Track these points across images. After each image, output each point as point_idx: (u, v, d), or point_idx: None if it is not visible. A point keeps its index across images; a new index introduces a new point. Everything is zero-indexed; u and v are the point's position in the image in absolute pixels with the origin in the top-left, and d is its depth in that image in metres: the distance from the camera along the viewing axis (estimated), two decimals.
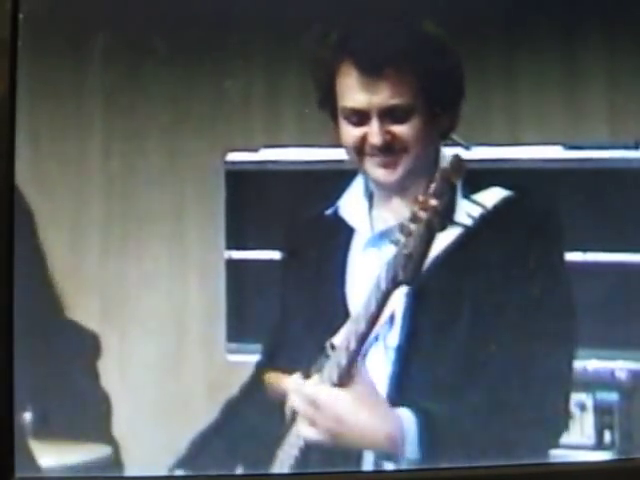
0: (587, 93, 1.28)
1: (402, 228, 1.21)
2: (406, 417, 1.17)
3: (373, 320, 1.19)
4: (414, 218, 1.21)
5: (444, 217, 1.22)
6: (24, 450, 1.20)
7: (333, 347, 1.19)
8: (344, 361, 1.18)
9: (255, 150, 1.26)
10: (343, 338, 1.19)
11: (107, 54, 1.34)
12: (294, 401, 1.18)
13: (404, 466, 1.15)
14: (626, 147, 1.27)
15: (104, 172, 1.25)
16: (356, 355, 1.18)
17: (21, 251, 1.17)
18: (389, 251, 1.21)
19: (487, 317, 1.20)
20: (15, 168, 1.27)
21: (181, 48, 1.25)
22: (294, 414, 1.19)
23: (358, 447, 1.17)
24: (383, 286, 1.20)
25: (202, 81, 1.26)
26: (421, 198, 1.21)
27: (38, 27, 1.34)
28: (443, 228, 1.22)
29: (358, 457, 1.18)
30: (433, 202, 1.21)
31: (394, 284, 1.20)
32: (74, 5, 1.42)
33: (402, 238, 1.21)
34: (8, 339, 1.21)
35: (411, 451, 1.16)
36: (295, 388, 1.19)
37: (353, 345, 1.18)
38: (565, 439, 1.20)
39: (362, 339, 1.18)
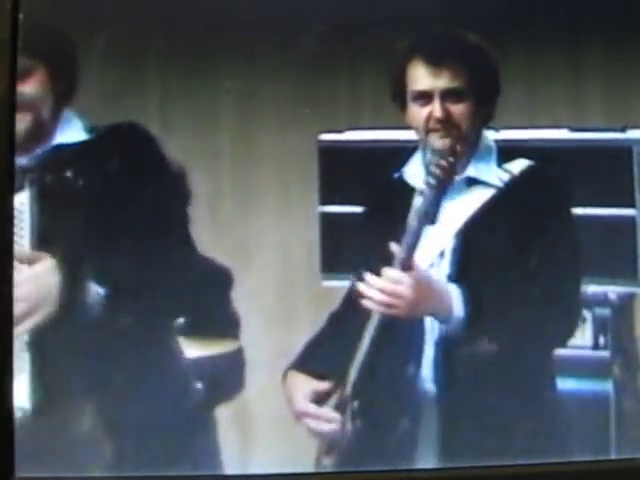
0: (588, 90, 1.71)
1: (426, 183, 1.66)
2: (454, 292, 1.62)
3: (412, 247, 1.63)
4: (431, 174, 1.65)
5: (451, 175, 1.65)
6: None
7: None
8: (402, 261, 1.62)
9: (340, 131, 1.70)
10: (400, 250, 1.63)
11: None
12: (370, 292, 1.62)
13: (453, 328, 1.59)
14: (616, 130, 1.70)
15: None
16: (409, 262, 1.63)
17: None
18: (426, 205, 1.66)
19: (515, 249, 1.63)
20: (15, 169, 1.44)
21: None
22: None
23: (421, 316, 1.62)
24: (415, 224, 1.65)
25: (302, 78, 1.68)
26: (436, 159, 1.65)
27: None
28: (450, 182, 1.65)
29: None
30: (442, 162, 1.65)
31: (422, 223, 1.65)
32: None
33: (425, 190, 1.66)
34: (7, 337, 1.42)
35: (457, 316, 1.60)
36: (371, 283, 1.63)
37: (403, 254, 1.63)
38: (571, 341, 1.64)
39: (408, 257, 1.62)
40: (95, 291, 1.63)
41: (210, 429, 1.62)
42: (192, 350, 1.63)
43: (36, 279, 1.64)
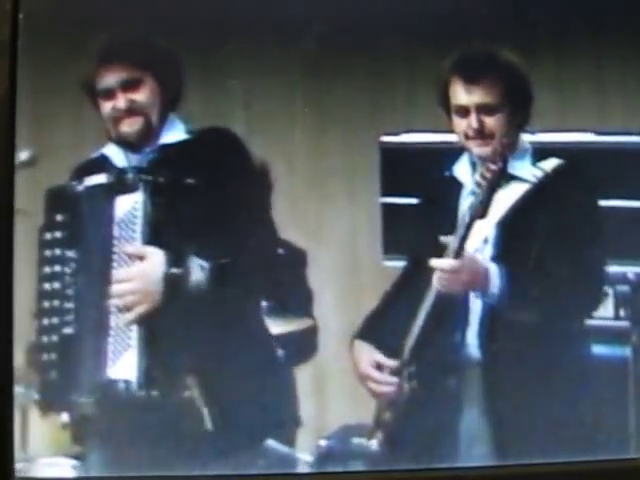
0: (610, 97, 1.99)
1: (477, 183, 1.94)
2: (496, 272, 1.92)
3: (463, 238, 1.92)
4: (482, 177, 1.94)
5: (500, 177, 1.95)
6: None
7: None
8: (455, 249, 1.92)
9: (397, 134, 1.99)
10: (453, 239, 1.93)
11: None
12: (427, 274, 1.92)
13: (494, 302, 1.88)
14: (634, 133, 1.99)
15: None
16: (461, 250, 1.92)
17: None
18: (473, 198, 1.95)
19: (547, 235, 1.92)
20: (15, 167, 1.53)
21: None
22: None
23: (468, 292, 1.91)
24: (467, 219, 1.93)
25: (365, 86, 1.97)
26: (486, 164, 1.94)
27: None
28: (500, 184, 1.94)
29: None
30: (493, 167, 1.94)
31: (473, 218, 1.93)
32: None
33: (477, 189, 1.94)
34: (7, 339, 1.49)
35: (498, 292, 1.90)
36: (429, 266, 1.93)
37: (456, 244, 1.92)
38: (596, 313, 1.93)
39: (460, 246, 1.93)
40: (199, 265, 1.92)
41: (291, 389, 1.91)
42: (276, 327, 1.93)
43: (146, 274, 1.94)
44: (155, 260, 1.93)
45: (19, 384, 1.91)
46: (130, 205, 1.97)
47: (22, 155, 1.93)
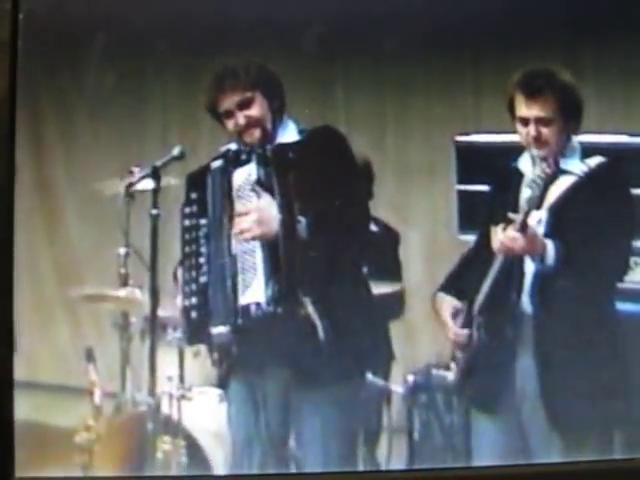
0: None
1: (535, 181, 2.44)
2: (550, 245, 2.43)
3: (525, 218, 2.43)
4: (539, 176, 2.44)
5: (554, 177, 2.43)
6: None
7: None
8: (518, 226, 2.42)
9: (468, 135, 2.48)
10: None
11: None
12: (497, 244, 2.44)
13: (546, 267, 2.38)
14: None
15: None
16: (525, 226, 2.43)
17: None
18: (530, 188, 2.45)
19: (590, 217, 2.42)
20: (16, 167, 1.65)
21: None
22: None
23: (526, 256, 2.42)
24: (526, 206, 2.44)
25: (441, 92, 2.46)
26: (544, 165, 2.44)
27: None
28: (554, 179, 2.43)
29: None
30: (548, 170, 2.43)
31: (530, 206, 2.44)
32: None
33: (534, 185, 2.44)
34: (8, 342, 1.62)
35: (550, 260, 2.41)
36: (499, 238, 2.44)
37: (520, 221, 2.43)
38: (626, 278, 2.45)
39: (523, 222, 2.43)
40: (299, 220, 2.44)
41: (386, 333, 2.46)
42: (375, 288, 2.47)
43: (260, 208, 2.45)
44: (268, 200, 2.45)
45: (171, 329, 2.48)
46: (247, 172, 2.50)
47: (174, 151, 2.47)
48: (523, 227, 2.42)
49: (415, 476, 2.07)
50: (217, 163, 2.52)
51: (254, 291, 2.45)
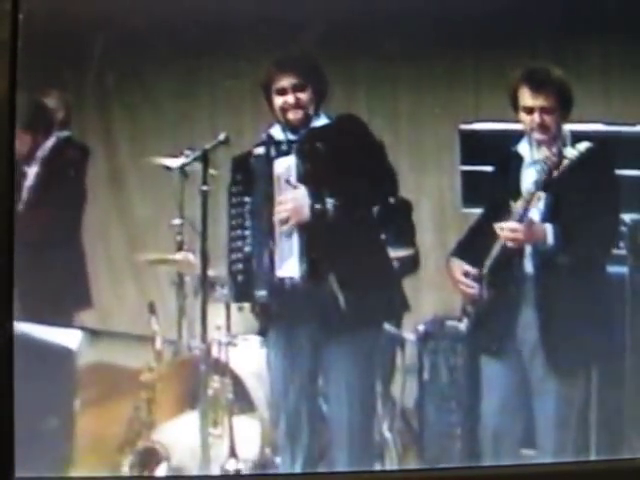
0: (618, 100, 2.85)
1: (545, 162, 2.83)
2: (548, 228, 2.83)
3: (527, 202, 2.83)
4: (545, 162, 2.84)
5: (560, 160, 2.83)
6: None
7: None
8: (520, 213, 2.83)
9: (470, 123, 2.88)
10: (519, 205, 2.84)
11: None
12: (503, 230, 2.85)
13: (546, 248, 2.79)
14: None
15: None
16: (526, 212, 2.83)
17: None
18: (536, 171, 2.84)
19: (582, 198, 2.80)
20: (16, 166, 1.65)
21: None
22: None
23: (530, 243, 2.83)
24: (533, 189, 2.84)
25: (445, 88, 2.86)
26: (549, 153, 2.83)
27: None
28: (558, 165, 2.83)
29: None
30: (554, 158, 2.82)
31: (537, 188, 2.84)
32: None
33: (540, 170, 2.84)
34: (8, 346, 1.62)
35: (549, 240, 2.81)
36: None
37: (521, 210, 2.84)
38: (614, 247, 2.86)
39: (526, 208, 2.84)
40: (330, 203, 2.86)
41: (401, 289, 2.90)
42: (392, 252, 2.91)
43: (295, 198, 2.88)
44: (302, 192, 2.89)
45: (219, 287, 2.96)
46: (287, 162, 2.92)
47: (220, 136, 2.91)
48: (522, 217, 2.82)
49: (417, 476, 2.22)
50: (260, 150, 2.93)
51: (290, 267, 2.89)
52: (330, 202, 2.87)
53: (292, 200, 2.89)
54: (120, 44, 2.68)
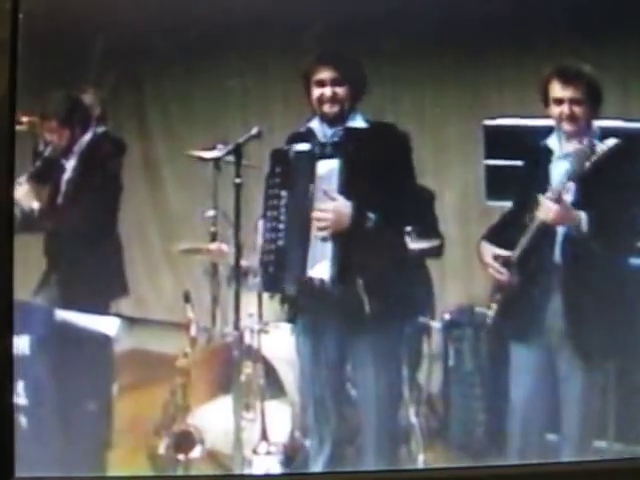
0: None
1: (576, 154, 2.90)
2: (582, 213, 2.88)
3: (561, 189, 2.90)
4: (577, 154, 2.90)
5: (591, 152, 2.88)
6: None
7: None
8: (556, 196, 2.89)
9: (494, 119, 2.95)
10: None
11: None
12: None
13: (578, 231, 2.84)
14: None
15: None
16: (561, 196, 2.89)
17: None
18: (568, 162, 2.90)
19: (610, 187, 2.86)
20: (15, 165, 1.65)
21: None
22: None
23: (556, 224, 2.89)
24: (565, 179, 2.91)
25: (470, 86, 2.93)
26: (580, 144, 2.90)
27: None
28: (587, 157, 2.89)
29: None
30: (585, 150, 2.89)
31: (569, 178, 2.91)
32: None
33: (573, 161, 2.90)
34: (8, 344, 1.64)
35: (583, 226, 2.88)
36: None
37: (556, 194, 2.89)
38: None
39: (558, 196, 2.89)
40: (368, 217, 2.94)
41: (428, 280, 2.99)
42: (415, 244, 2.99)
43: (336, 210, 2.93)
44: (343, 204, 2.97)
45: (252, 276, 3.06)
46: (330, 167, 2.98)
47: (252, 130, 3.00)
48: (559, 199, 2.88)
49: (419, 476, 2.26)
50: (303, 146, 2.99)
51: (321, 269, 2.96)
52: (370, 217, 2.93)
53: (334, 211, 2.94)
54: (153, 40, 2.78)
